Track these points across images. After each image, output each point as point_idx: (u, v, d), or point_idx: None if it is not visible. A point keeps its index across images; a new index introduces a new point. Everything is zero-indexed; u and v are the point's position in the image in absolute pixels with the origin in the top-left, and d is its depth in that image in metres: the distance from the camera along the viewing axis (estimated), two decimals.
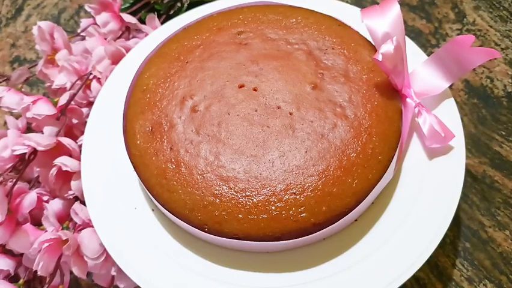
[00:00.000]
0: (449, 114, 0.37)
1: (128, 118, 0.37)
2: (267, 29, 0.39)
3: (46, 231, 0.39)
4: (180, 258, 0.34)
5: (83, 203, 0.39)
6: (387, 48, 0.33)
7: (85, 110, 0.46)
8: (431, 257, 0.33)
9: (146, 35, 0.50)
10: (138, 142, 0.35)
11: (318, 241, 0.34)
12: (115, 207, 0.37)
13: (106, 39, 0.50)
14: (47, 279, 0.37)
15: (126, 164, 0.36)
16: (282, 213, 0.31)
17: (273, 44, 0.38)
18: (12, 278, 0.39)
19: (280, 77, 0.36)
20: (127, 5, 0.54)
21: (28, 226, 0.39)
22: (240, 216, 0.31)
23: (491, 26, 0.53)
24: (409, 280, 0.33)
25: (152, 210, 0.37)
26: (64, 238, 0.36)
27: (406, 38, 0.39)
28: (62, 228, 0.39)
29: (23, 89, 0.48)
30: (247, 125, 0.34)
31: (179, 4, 0.54)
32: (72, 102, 0.45)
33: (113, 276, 0.39)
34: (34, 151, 0.41)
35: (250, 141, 0.34)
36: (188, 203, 0.32)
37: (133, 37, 0.52)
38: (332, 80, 0.36)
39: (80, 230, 0.38)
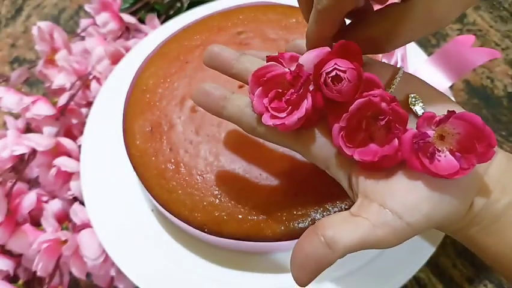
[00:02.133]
0: None
1: (127, 118, 0.37)
2: (267, 28, 0.39)
3: (45, 231, 0.39)
4: (180, 258, 0.34)
5: (82, 203, 0.39)
6: None
7: (84, 110, 0.46)
8: (431, 257, 0.33)
9: (146, 35, 0.50)
10: (138, 142, 0.35)
11: None
12: (114, 207, 0.37)
13: (105, 39, 0.50)
14: (47, 280, 0.37)
15: (125, 164, 0.35)
16: (282, 214, 0.31)
17: (273, 44, 0.38)
18: (11, 279, 0.39)
19: None
20: (127, 5, 0.54)
21: (27, 226, 0.39)
22: (240, 216, 0.31)
23: (491, 26, 0.53)
24: (410, 280, 0.33)
25: (152, 210, 0.37)
26: (63, 239, 0.36)
27: None
28: (62, 229, 0.39)
29: (22, 89, 0.47)
30: None
31: (179, 4, 0.54)
32: (71, 103, 0.45)
33: (112, 277, 0.39)
34: (33, 151, 0.41)
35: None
36: (187, 204, 0.32)
37: (133, 37, 0.52)
38: None
39: (80, 230, 0.38)
